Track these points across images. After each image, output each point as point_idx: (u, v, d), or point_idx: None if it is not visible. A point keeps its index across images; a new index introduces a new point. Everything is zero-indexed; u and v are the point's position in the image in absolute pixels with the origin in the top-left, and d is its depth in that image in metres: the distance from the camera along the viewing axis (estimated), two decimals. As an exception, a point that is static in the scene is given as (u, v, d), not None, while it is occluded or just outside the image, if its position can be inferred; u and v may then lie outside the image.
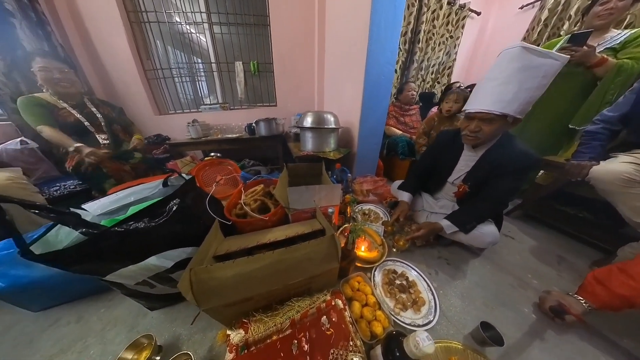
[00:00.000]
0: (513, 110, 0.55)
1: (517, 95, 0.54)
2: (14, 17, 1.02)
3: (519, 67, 0.53)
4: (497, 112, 0.57)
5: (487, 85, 0.60)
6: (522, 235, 0.97)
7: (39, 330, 0.58)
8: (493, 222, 0.74)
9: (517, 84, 0.54)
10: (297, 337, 0.39)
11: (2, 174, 0.69)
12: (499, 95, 0.56)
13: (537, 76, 0.52)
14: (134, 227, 0.38)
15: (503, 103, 0.56)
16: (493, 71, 0.59)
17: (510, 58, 0.55)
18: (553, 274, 0.76)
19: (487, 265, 0.78)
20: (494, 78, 0.58)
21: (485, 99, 0.59)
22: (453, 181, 0.81)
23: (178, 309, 0.60)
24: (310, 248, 0.49)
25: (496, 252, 0.84)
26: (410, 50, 1.84)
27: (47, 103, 0.93)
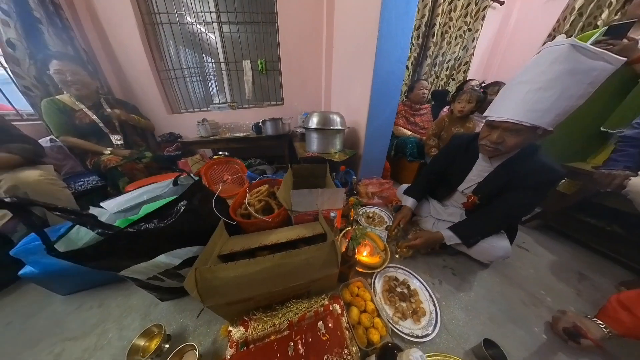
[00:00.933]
0: (547, 122, 0.47)
1: (556, 103, 0.45)
2: (41, 23, 1.10)
3: (566, 70, 0.44)
4: (527, 124, 0.48)
5: (519, 90, 0.50)
6: (538, 248, 0.91)
7: (66, 312, 0.65)
8: (506, 234, 0.70)
9: (560, 90, 0.45)
10: (293, 339, 0.41)
11: (34, 171, 0.76)
12: (534, 103, 0.47)
13: (584, 82, 0.43)
14: (145, 227, 0.41)
15: (537, 113, 0.47)
16: (528, 72, 0.50)
17: (554, 58, 0.45)
18: (571, 292, 0.70)
19: (497, 277, 0.74)
20: (530, 81, 0.48)
21: (516, 107, 0.50)
22: (463, 190, 0.77)
23: (186, 302, 0.64)
24: (310, 253, 0.50)
25: (508, 265, 0.80)
26: (424, 45, 1.75)
27: (64, 105, 1.00)
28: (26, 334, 0.59)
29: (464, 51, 1.88)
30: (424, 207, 0.95)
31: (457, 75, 2.00)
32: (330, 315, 0.46)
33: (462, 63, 1.94)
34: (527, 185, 0.58)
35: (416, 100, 1.48)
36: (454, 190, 0.81)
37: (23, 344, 0.57)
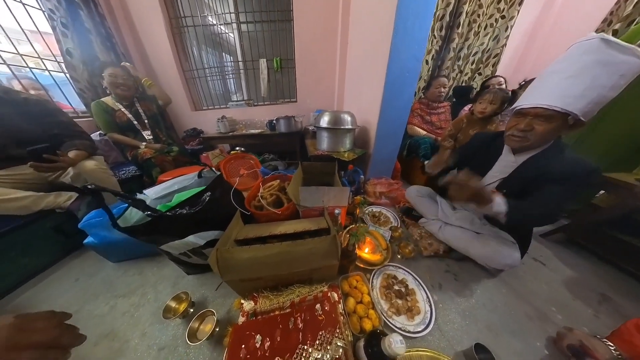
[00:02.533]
0: (579, 108, 0.47)
1: (587, 92, 0.46)
2: (91, 33, 1.29)
3: (596, 60, 0.46)
4: (559, 109, 0.48)
5: (550, 79, 0.52)
6: (557, 263, 0.85)
7: (116, 276, 0.81)
8: (517, 244, 0.68)
9: (590, 78, 0.46)
10: (294, 315, 0.48)
11: (91, 161, 0.94)
12: (565, 89, 0.48)
13: (615, 73, 0.44)
14: (179, 212, 0.51)
15: (569, 98, 0.47)
16: (560, 64, 0.52)
17: (584, 50, 0.48)
18: (587, 313, 0.66)
19: (503, 289, 0.73)
20: (560, 71, 0.50)
21: (548, 93, 0.51)
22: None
23: (206, 277, 0.76)
24: (313, 244, 0.56)
25: (518, 277, 0.77)
26: (447, 36, 1.62)
27: (107, 106, 1.19)
28: (89, 289, 0.76)
29: (495, 42, 1.71)
30: (431, 209, 0.95)
31: (485, 70, 1.83)
32: (327, 300, 0.52)
33: (492, 55, 1.76)
34: (558, 178, 0.55)
35: (433, 98, 1.42)
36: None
37: (87, 297, 0.73)
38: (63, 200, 0.86)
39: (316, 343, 0.42)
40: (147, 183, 1.22)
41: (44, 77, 1.31)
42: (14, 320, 0.25)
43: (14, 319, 0.25)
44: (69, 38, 1.23)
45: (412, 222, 1.01)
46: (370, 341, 0.42)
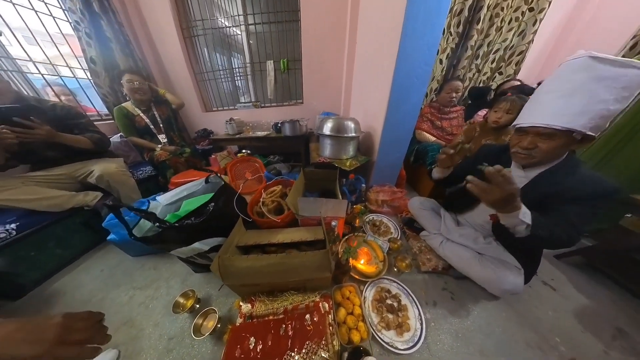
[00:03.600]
0: (581, 124, 0.46)
1: (587, 108, 0.45)
2: (111, 41, 1.38)
3: (589, 77, 0.45)
4: (559, 127, 0.48)
5: (544, 98, 0.52)
6: (569, 289, 0.80)
7: (133, 269, 0.92)
8: (522, 270, 0.64)
9: (587, 95, 0.45)
10: (285, 322, 0.53)
11: (113, 164, 1.05)
12: (562, 108, 0.48)
13: (614, 87, 0.44)
14: (186, 223, 0.57)
15: (568, 117, 0.47)
16: (552, 83, 0.52)
17: (574, 69, 0.48)
18: (597, 348, 0.61)
19: (504, 312, 0.70)
20: (554, 90, 0.50)
21: (544, 112, 0.51)
22: None
23: (212, 276, 0.83)
24: (306, 258, 0.60)
25: (522, 301, 0.73)
26: (465, 33, 1.50)
27: (128, 112, 1.29)
28: (112, 279, 0.88)
29: (520, 38, 1.55)
30: (434, 223, 0.93)
31: (507, 69, 1.68)
32: (317, 311, 0.56)
33: (515, 53, 1.59)
34: (577, 197, 0.52)
35: (444, 102, 1.36)
36: (478, 202, 0.77)
37: (111, 286, 0.84)
38: (90, 199, 0.97)
39: (302, 352, 0.47)
40: (162, 183, 1.33)
41: (72, 81, 1.44)
42: (61, 320, 0.30)
43: (62, 319, 0.30)
44: (92, 47, 1.34)
45: (413, 234, 1.00)
46: (353, 356, 0.46)
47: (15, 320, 0.28)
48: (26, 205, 0.84)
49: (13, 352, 0.26)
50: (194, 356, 0.60)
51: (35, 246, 0.85)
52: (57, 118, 0.95)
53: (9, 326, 0.27)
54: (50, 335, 0.28)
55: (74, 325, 0.31)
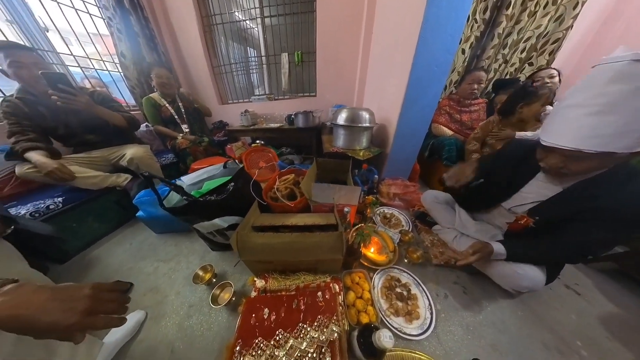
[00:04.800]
0: (623, 146, 0.38)
1: (630, 127, 0.37)
2: (139, 36, 1.49)
3: (631, 90, 0.36)
4: (591, 151, 0.40)
5: (570, 114, 0.43)
6: (596, 294, 0.74)
7: (157, 244, 1.00)
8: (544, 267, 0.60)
9: (630, 112, 0.36)
10: (298, 298, 0.55)
11: (142, 149, 1.15)
12: (595, 128, 0.39)
13: None
14: (209, 198, 0.62)
15: (603, 138, 0.39)
16: (580, 94, 0.42)
17: (609, 78, 0.38)
18: (626, 358, 0.57)
19: (520, 311, 0.66)
20: (583, 105, 0.41)
21: (572, 132, 0.42)
22: (511, 208, 0.66)
23: (227, 255, 0.89)
24: (320, 238, 0.62)
25: (541, 302, 0.70)
26: (492, 20, 1.39)
27: (155, 102, 1.40)
28: (139, 252, 0.96)
29: (556, 24, 1.39)
30: (448, 217, 0.90)
31: (539, 59, 1.52)
32: (328, 290, 0.58)
33: (550, 41, 1.44)
34: (615, 218, 0.45)
35: (464, 95, 1.29)
36: (496, 204, 0.72)
37: (138, 258, 0.93)
38: (122, 180, 1.07)
39: (314, 324, 0.49)
40: (182, 169, 1.43)
41: (105, 75, 1.58)
42: (90, 291, 0.31)
43: (91, 291, 0.31)
44: (122, 42, 1.45)
45: (425, 228, 0.99)
46: (363, 332, 0.47)
47: (50, 288, 0.30)
48: (71, 182, 0.95)
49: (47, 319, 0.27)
50: (211, 323, 0.65)
51: (77, 219, 0.96)
52: (96, 102, 1.05)
53: (45, 294, 0.28)
54: (81, 306, 0.29)
55: (102, 297, 0.32)
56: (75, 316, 0.28)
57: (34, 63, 0.84)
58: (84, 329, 0.29)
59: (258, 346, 0.46)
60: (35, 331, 0.27)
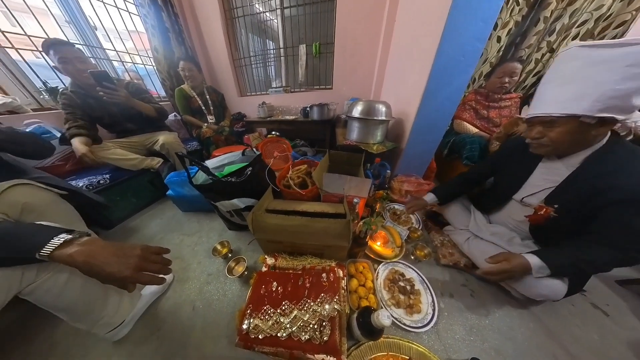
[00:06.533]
0: (583, 108, 0.45)
1: (585, 91, 0.45)
2: (169, 32, 1.62)
3: (583, 64, 0.46)
4: (557, 114, 0.49)
5: (544, 88, 0.54)
6: (630, 319, 0.67)
7: (183, 221, 1.13)
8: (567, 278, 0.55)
9: (582, 80, 0.46)
10: (304, 277, 0.60)
11: (172, 135, 1.30)
12: (558, 95, 0.50)
13: (618, 67, 0.42)
14: (230, 180, 0.69)
15: (564, 103, 0.48)
16: (549, 74, 0.54)
17: (567, 59, 0.49)
18: None
19: (531, 323, 0.63)
20: (552, 80, 0.52)
21: (543, 102, 0.53)
22: (522, 199, 0.65)
23: (241, 234, 0.98)
24: (328, 224, 0.65)
25: (558, 315, 0.65)
26: (539, 1, 1.22)
27: (186, 94, 1.54)
28: (168, 226, 1.11)
29: (624, 3, 1.14)
30: (461, 218, 0.87)
31: None
32: (333, 273, 0.61)
33: (614, 25, 1.20)
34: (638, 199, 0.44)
35: (492, 88, 1.18)
36: (508, 198, 0.70)
37: (167, 230, 1.07)
38: (155, 163, 1.22)
39: (317, 300, 0.53)
40: (205, 156, 1.57)
41: (140, 68, 1.76)
42: (140, 252, 0.38)
43: (141, 251, 0.38)
44: (155, 37, 1.60)
45: (435, 228, 0.97)
46: (363, 313, 0.50)
47: (112, 245, 0.38)
48: (115, 162, 1.11)
49: (109, 269, 0.35)
50: (226, 290, 0.74)
51: (120, 193, 1.12)
52: (130, 92, 1.19)
53: (109, 250, 0.36)
54: (133, 263, 0.37)
55: (149, 258, 0.40)
56: (128, 270, 0.36)
57: (76, 57, 0.97)
58: (134, 281, 0.37)
59: (266, 312, 0.52)
60: (100, 277, 0.36)
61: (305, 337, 0.47)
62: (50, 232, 0.36)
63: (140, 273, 0.38)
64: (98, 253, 0.36)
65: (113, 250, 0.37)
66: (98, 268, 0.35)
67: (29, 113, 1.13)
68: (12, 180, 0.59)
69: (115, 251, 0.37)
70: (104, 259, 0.36)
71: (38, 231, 0.37)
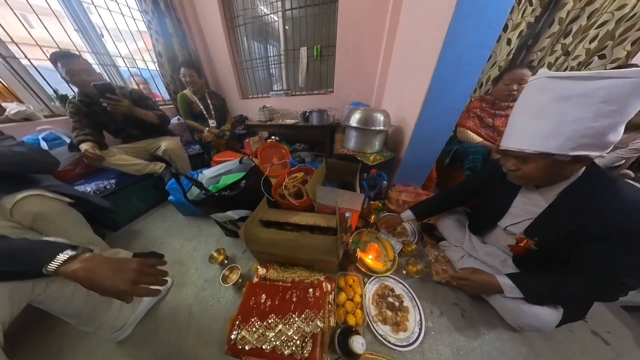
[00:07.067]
0: (555, 147, 0.43)
1: (557, 129, 0.43)
2: (173, 37, 1.65)
3: (552, 98, 0.43)
4: (530, 151, 0.47)
5: (516, 119, 0.51)
6: (633, 349, 0.64)
7: (184, 225, 1.20)
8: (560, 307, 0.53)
9: (555, 116, 0.43)
10: (292, 290, 0.63)
11: (173, 141, 1.36)
12: (530, 130, 0.47)
13: (590, 103, 0.39)
14: (223, 194, 0.72)
15: (536, 139, 0.46)
16: (520, 103, 0.51)
17: (536, 90, 0.46)
18: None
19: (523, 347, 0.61)
20: (523, 111, 0.49)
21: (517, 135, 0.50)
22: (506, 227, 0.65)
23: (238, 241, 1.02)
24: (318, 240, 0.68)
25: (557, 344, 0.63)
26: (554, 2, 1.15)
27: (187, 98, 1.59)
28: (170, 230, 1.17)
29: None
30: (457, 235, 0.86)
31: (615, 50, 1.21)
32: (320, 288, 0.64)
33: (636, 26, 1.12)
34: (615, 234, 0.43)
35: (499, 96, 1.13)
36: (494, 225, 0.70)
37: (168, 234, 1.13)
38: (157, 168, 1.28)
39: (302, 316, 0.56)
40: (207, 160, 1.62)
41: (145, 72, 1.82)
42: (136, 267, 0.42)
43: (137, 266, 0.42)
44: (159, 42, 1.64)
45: (431, 242, 0.97)
46: (344, 333, 0.53)
47: (110, 260, 0.41)
48: (120, 168, 1.17)
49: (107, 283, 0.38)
50: (220, 297, 0.78)
51: (125, 197, 1.19)
52: (134, 100, 1.26)
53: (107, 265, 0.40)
54: (129, 277, 0.40)
55: (144, 271, 0.43)
56: (125, 284, 0.40)
57: (83, 69, 1.03)
58: (130, 294, 0.41)
59: (253, 325, 0.55)
60: (99, 291, 0.40)
61: (287, 351, 0.50)
62: (55, 248, 0.41)
63: (137, 286, 0.41)
64: (98, 269, 0.40)
65: (111, 265, 0.41)
66: (97, 283, 0.39)
67: (42, 120, 1.21)
68: (25, 191, 0.65)
69: (113, 266, 0.41)
70: (103, 274, 0.40)
71: (45, 248, 0.41)
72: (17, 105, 1.13)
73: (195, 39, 1.91)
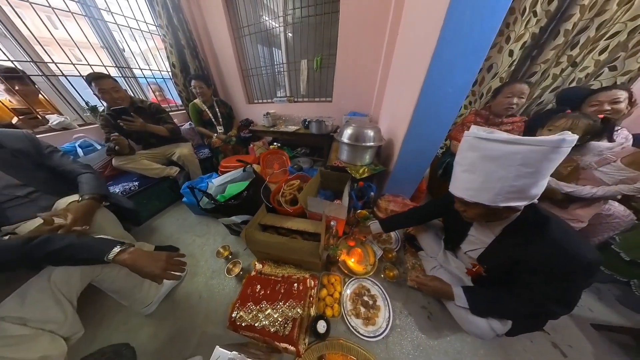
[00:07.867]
0: (487, 199, 0.49)
1: (486, 184, 0.48)
2: (184, 48, 1.82)
3: (481, 156, 0.49)
4: (467, 200, 0.53)
5: (455, 169, 0.57)
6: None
7: (195, 223, 1.40)
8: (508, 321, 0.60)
9: (484, 173, 0.49)
10: (281, 283, 0.80)
11: (186, 148, 1.56)
12: (465, 181, 0.53)
13: (511, 165, 0.44)
14: (228, 203, 0.90)
15: (471, 191, 0.52)
16: (459, 154, 0.56)
17: (467, 146, 0.52)
18: None
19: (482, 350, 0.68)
20: (459, 163, 0.55)
21: (456, 182, 0.57)
22: (467, 252, 0.73)
23: (240, 240, 1.20)
24: (302, 244, 0.84)
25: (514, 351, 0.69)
26: (562, 10, 1.11)
27: (198, 108, 1.79)
28: (183, 227, 1.38)
29: None
30: (433, 246, 0.94)
31: (627, 62, 1.15)
32: (303, 283, 0.80)
33: None
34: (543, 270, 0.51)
35: (498, 110, 1.17)
36: (457, 247, 0.79)
37: (182, 230, 1.34)
38: (173, 172, 1.49)
39: (287, 304, 0.72)
40: (215, 164, 1.82)
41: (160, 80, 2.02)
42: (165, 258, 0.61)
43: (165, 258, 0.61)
44: (173, 54, 1.82)
45: (411, 251, 1.07)
46: (316, 319, 0.69)
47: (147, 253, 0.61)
48: (142, 172, 1.39)
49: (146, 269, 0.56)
50: (225, 286, 0.97)
51: (145, 197, 1.41)
52: (151, 113, 1.47)
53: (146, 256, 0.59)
54: (161, 265, 0.59)
55: (171, 262, 0.62)
56: (158, 270, 0.59)
57: (112, 88, 1.25)
58: (161, 277, 0.60)
59: (249, 308, 0.73)
60: (140, 274, 0.59)
61: (273, 329, 0.67)
62: (110, 244, 0.60)
63: (165, 272, 0.61)
64: (139, 259, 0.59)
65: (148, 256, 0.61)
66: (139, 268, 0.58)
67: (77, 129, 1.44)
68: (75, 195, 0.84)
69: (150, 257, 0.61)
70: (143, 263, 0.59)
71: (105, 243, 0.61)
72: (58, 117, 1.35)
73: (205, 48, 2.10)
